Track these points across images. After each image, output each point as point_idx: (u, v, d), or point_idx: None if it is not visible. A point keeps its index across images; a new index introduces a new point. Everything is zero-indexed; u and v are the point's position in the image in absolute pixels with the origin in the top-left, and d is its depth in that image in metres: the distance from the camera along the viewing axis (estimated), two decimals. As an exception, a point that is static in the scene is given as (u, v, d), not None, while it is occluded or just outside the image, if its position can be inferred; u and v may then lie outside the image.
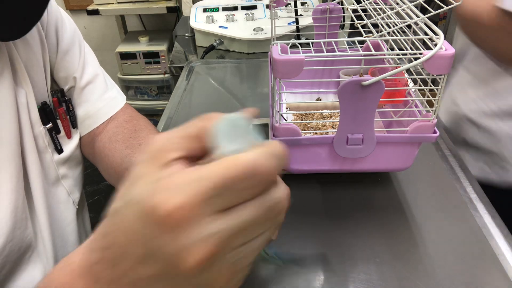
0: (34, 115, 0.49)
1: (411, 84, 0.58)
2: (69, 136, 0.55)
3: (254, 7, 1.28)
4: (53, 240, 0.52)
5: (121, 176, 0.56)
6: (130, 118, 0.61)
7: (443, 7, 0.52)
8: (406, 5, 0.55)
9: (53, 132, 0.52)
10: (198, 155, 0.26)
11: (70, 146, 0.55)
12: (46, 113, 0.51)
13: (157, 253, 0.21)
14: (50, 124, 0.51)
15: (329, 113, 0.69)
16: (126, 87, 2.17)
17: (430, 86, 0.50)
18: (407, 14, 0.53)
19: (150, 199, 0.21)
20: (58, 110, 0.52)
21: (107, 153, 0.57)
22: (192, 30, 1.28)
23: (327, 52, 0.48)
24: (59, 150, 0.53)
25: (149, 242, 0.21)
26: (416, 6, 0.54)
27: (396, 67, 0.45)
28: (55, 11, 0.54)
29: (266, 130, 0.70)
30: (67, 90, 0.55)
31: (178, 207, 0.20)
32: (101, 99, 0.58)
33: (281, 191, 0.24)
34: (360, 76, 0.46)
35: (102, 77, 0.59)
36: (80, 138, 0.59)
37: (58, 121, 0.53)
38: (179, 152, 0.24)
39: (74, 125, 0.56)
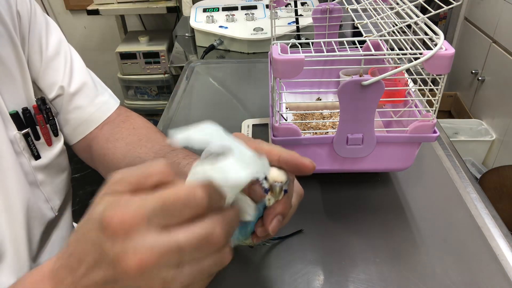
0: (6, 120, 0.50)
1: (411, 84, 0.58)
2: (49, 143, 0.55)
3: (254, 7, 1.28)
4: (29, 244, 0.52)
5: None
6: (127, 118, 0.61)
7: (443, 7, 0.52)
8: (406, 5, 0.55)
9: (29, 138, 0.52)
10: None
11: (50, 153, 0.55)
12: (25, 118, 0.51)
13: (104, 257, 0.26)
14: (27, 130, 0.52)
15: (329, 113, 0.69)
16: (126, 87, 2.17)
17: (430, 86, 0.50)
18: (407, 14, 0.53)
19: (102, 214, 0.26)
20: (37, 117, 0.53)
21: (105, 152, 0.58)
22: (192, 30, 1.28)
23: (327, 52, 0.48)
24: (36, 156, 0.53)
25: (98, 249, 0.26)
26: (416, 6, 0.54)
27: (396, 67, 0.45)
28: (40, 21, 0.55)
29: (266, 130, 0.70)
30: (53, 98, 0.56)
31: (121, 219, 0.25)
32: (92, 104, 0.58)
33: (217, 229, 0.27)
34: (360, 76, 0.46)
35: (92, 83, 0.59)
36: (76, 144, 0.60)
37: (38, 128, 0.53)
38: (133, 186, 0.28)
39: (56, 134, 0.56)
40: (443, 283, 0.46)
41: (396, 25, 0.52)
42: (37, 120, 0.53)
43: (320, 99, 0.73)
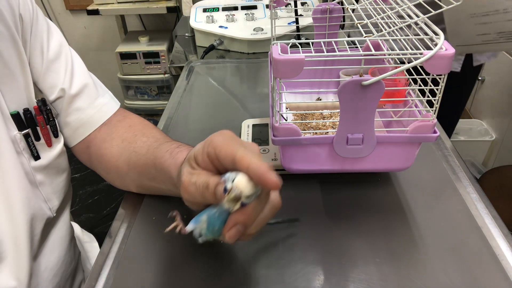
0: (7, 120, 0.50)
1: (411, 84, 0.58)
2: (49, 144, 0.55)
3: (254, 7, 1.28)
4: (30, 243, 0.52)
5: (120, 169, 0.57)
6: (123, 118, 0.62)
7: (443, 7, 0.52)
8: (406, 5, 0.55)
9: (29, 138, 0.52)
10: None
11: (50, 154, 0.55)
12: (26, 119, 0.52)
13: None
14: (27, 130, 0.52)
15: (329, 113, 0.69)
16: (126, 87, 2.17)
17: (430, 86, 0.50)
18: (407, 14, 0.53)
19: None
20: (37, 118, 0.53)
21: (103, 152, 0.58)
22: (192, 30, 1.28)
23: (327, 52, 0.48)
24: (36, 157, 0.54)
25: None
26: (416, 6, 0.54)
27: (396, 67, 0.45)
28: (41, 24, 0.55)
29: (266, 130, 0.70)
30: (54, 100, 0.56)
31: None
32: (92, 106, 0.59)
33: None
34: (360, 76, 0.46)
35: (92, 85, 0.60)
36: (75, 147, 0.60)
37: (38, 128, 0.53)
38: None
39: (56, 135, 0.56)
40: (443, 283, 0.46)
41: (396, 25, 0.52)
42: (38, 121, 0.53)
43: (320, 99, 0.73)
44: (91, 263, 0.74)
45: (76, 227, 0.78)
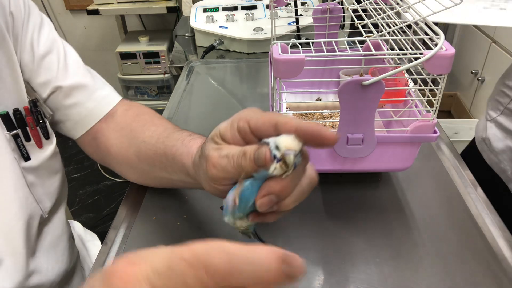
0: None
1: (411, 84, 0.58)
2: (39, 145, 0.55)
3: (254, 7, 1.28)
4: (27, 244, 0.52)
5: (131, 160, 0.57)
6: (130, 107, 0.61)
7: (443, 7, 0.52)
8: (406, 5, 0.55)
9: (19, 139, 0.52)
10: None
11: (41, 155, 0.55)
12: (16, 119, 0.51)
13: None
14: (17, 131, 0.51)
15: (329, 113, 0.69)
16: (126, 87, 2.17)
17: (430, 86, 0.50)
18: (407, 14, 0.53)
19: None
20: (27, 119, 0.52)
21: (112, 143, 0.58)
22: (192, 30, 1.28)
23: (327, 52, 0.48)
24: (26, 157, 0.53)
25: None
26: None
27: (396, 67, 0.45)
28: (34, 21, 0.54)
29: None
30: (48, 97, 0.55)
31: (120, 269, 0.21)
32: (91, 99, 0.58)
33: None
34: (360, 76, 0.46)
35: (90, 79, 0.59)
36: (80, 139, 0.60)
37: (28, 129, 0.53)
38: None
39: (46, 136, 0.55)
40: (443, 283, 0.46)
41: (396, 25, 0.52)
42: (27, 121, 0.52)
43: (320, 99, 0.73)
44: (92, 261, 0.74)
45: (78, 226, 0.77)
